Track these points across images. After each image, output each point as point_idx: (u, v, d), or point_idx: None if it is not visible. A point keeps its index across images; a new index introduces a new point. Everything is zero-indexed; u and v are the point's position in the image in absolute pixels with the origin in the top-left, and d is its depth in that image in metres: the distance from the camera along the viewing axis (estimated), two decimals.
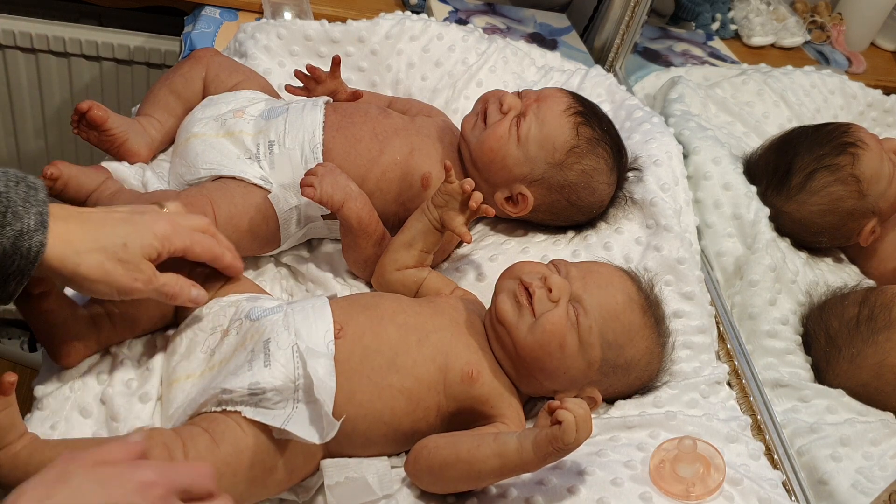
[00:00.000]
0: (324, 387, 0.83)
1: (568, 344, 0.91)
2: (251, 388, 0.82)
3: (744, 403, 1.08)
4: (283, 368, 0.84)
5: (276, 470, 0.84)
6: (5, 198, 0.73)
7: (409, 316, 0.94)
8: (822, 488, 0.99)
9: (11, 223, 0.72)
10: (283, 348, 0.85)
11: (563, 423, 0.77)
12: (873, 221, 1.28)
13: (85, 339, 0.88)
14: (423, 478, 0.88)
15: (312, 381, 0.83)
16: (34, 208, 0.74)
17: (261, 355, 0.85)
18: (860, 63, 1.86)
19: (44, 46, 1.71)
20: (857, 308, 1.15)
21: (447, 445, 0.86)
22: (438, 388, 0.91)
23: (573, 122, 1.12)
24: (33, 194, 0.75)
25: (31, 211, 0.74)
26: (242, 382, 0.82)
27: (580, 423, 0.78)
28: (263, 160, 1.08)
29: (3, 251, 0.72)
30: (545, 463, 0.81)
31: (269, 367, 0.83)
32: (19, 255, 0.73)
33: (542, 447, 0.79)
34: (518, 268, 0.97)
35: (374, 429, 0.89)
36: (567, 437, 0.78)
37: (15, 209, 0.73)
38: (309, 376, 0.83)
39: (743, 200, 1.29)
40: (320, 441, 0.83)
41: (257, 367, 0.83)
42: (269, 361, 0.84)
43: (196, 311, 0.92)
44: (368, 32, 1.37)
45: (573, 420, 0.77)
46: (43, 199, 0.75)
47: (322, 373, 0.84)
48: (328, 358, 0.86)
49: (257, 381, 0.82)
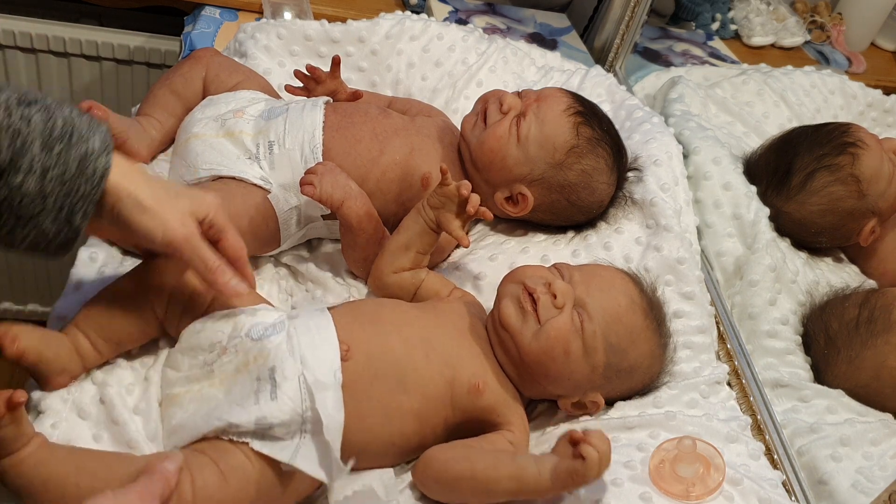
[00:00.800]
0: (333, 424, 0.82)
1: (573, 350, 0.91)
2: (258, 422, 0.81)
3: (744, 403, 1.08)
4: (291, 402, 0.82)
5: (281, 498, 0.83)
6: (70, 122, 0.74)
7: (413, 329, 0.93)
8: (822, 488, 0.99)
9: (77, 144, 0.73)
10: (289, 378, 0.83)
11: (587, 459, 0.77)
12: (873, 221, 1.28)
13: (69, 369, 0.86)
14: (431, 487, 0.87)
15: (320, 416, 0.81)
16: (99, 134, 0.75)
17: (267, 386, 0.82)
18: (860, 63, 1.86)
19: (44, 46, 1.70)
20: (858, 310, 1.15)
21: (461, 460, 0.85)
22: (446, 401, 0.90)
23: (573, 122, 1.12)
24: (95, 123, 0.76)
25: (95, 134, 0.75)
26: (249, 417, 0.81)
27: (602, 458, 0.77)
28: (263, 160, 1.08)
29: (70, 173, 0.73)
30: (562, 492, 0.81)
31: (276, 401, 0.81)
32: (84, 179, 0.73)
33: (561, 478, 0.79)
34: (521, 272, 0.97)
35: (384, 451, 0.88)
36: (589, 473, 0.77)
37: (80, 131, 0.74)
38: (317, 410, 0.82)
39: (743, 200, 1.29)
40: (329, 481, 0.82)
41: (264, 400, 0.81)
42: (276, 394, 0.82)
43: (191, 326, 0.89)
44: (368, 32, 1.37)
45: (597, 457, 0.77)
46: (106, 129, 0.77)
47: (330, 406, 0.82)
48: (336, 389, 0.84)
49: (264, 416, 0.81)
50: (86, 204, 0.74)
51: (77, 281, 0.99)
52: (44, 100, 0.74)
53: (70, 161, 0.73)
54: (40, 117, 0.72)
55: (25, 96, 0.73)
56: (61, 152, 0.72)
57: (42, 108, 0.73)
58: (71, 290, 0.98)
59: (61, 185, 0.73)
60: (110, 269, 1.01)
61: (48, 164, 0.72)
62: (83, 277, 0.99)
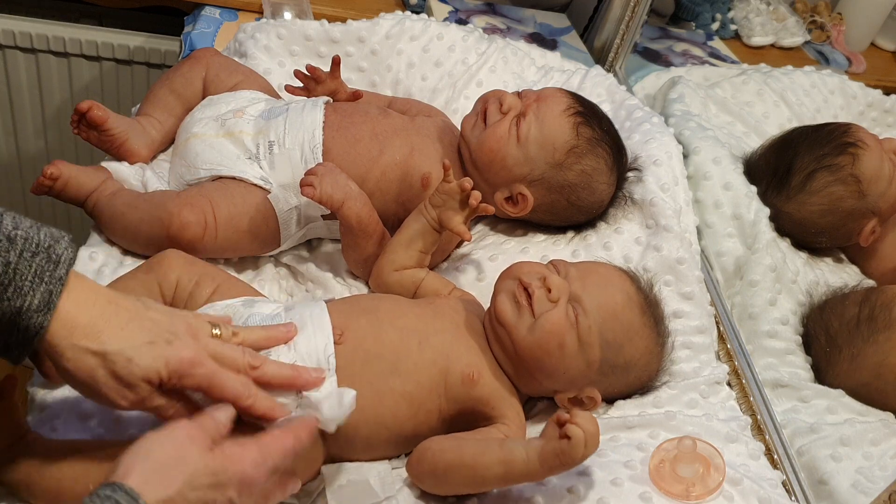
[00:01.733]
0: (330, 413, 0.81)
1: (567, 344, 0.91)
2: None
3: (744, 403, 1.08)
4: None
5: None
6: (12, 270, 0.66)
7: (409, 319, 0.94)
8: (822, 488, 0.99)
9: (11, 299, 0.66)
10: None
11: (572, 438, 0.77)
12: (873, 221, 1.28)
13: None
14: (426, 479, 0.87)
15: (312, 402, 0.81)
16: (43, 286, 0.67)
17: None
18: (860, 63, 1.86)
19: (44, 46, 1.71)
20: (858, 308, 1.15)
21: (451, 449, 0.86)
22: (440, 390, 0.91)
23: (573, 122, 1.12)
24: (49, 269, 0.67)
25: (38, 289, 0.67)
26: None
27: (588, 438, 0.78)
28: (263, 160, 1.08)
29: (2, 322, 0.66)
30: (550, 474, 0.81)
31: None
32: (17, 330, 0.67)
33: (548, 460, 0.79)
34: (517, 268, 0.97)
35: (375, 433, 0.88)
36: (575, 453, 0.77)
37: (20, 284, 0.66)
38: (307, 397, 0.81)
39: (743, 200, 1.29)
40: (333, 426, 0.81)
41: None
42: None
43: None
44: (368, 32, 1.37)
45: (583, 436, 0.77)
46: (60, 276, 0.68)
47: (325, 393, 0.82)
48: (330, 376, 0.84)
49: None
50: (22, 348, 0.68)
51: None
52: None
53: (1, 313, 0.66)
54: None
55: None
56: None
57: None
58: None
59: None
60: (110, 269, 1.01)
61: None
62: None
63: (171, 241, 1.00)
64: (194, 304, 0.92)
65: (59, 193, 1.06)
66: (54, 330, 0.67)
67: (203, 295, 0.93)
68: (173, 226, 1.00)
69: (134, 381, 0.71)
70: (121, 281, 0.93)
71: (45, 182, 1.04)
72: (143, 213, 1.02)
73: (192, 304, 0.92)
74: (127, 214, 1.03)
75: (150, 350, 0.71)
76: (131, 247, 1.05)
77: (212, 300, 0.92)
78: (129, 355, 0.70)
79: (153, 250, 0.98)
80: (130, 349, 0.70)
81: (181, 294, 0.93)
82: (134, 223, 1.02)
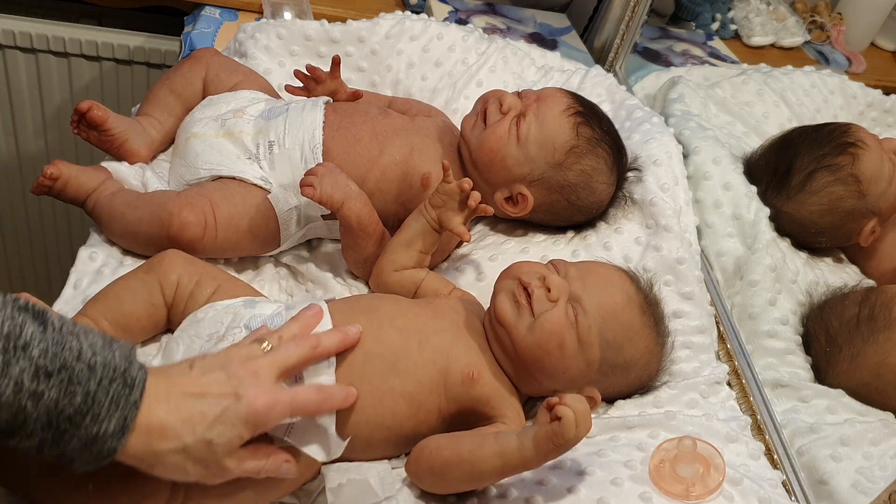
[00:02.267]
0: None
1: (567, 343, 0.91)
2: None
3: (744, 403, 1.08)
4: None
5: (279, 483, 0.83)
6: (91, 399, 0.65)
7: (409, 319, 0.94)
8: (822, 488, 0.99)
9: (88, 427, 0.65)
10: None
11: (563, 418, 0.77)
12: (873, 221, 1.28)
13: None
14: (425, 478, 0.87)
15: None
16: (119, 412, 0.66)
17: None
18: (860, 63, 1.86)
19: (44, 46, 1.70)
20: (858, 308, 1.15)
21: (448, 446, 0.86)
22: (439, 390, 0.91)
23: (573, 122, 1.12)
24: (125, 394, 0.67)
25: (114, 416, 0.66)
26: None
27: (579, 418, 0.78)
28: (263, 160, 1.08)
29: (73, 449, 0.66)
30: (546, 460, 0.81)
31: None
32: (90, 453, 0.66)
33: (542, 444, 0.79)
34: (517, 268, 0.97)
35: (375, 433, 0.88)
36: (567, 433, 0.78)
37: (97, 412, 0.65)
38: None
39: (743, 200, 1.29)
40: (325, 458, 0.83)
41: None
42: None
43: (191, 316, 0.91)
44: (368, 32, 1.37)
45: (572, 415, 0.77)
46: (135, 401, 0.67)
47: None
48: (329, 375, 0.85)
49: None
50: (89, 466, 0.68)
51: (76, 280, 0.99)
52: (76, 363, 0.65)
53: (75, 441, 0.65)
54: (55, 393, 0.64)
55: (49, 364, 0.63)
56: (65, 433, 0.65)
57: (63, 380, 0.64)
58: (70, 290, 0.98)
59: (59, 457, 0.66)
60: (110, 269, 1.01)
61: (46, 439, 0.64)
62: (82, 277, 1.00)
63: (171, 241, 1.00)
64: (195, 304, 0.92)
65: (59, 193, 1.06)
66: (131, 445, 0.68)
67: (203, 295, 0.93)
68: (173, 226, 1.00)
69: (219, 458, 0.72)
70: (121, 281, 0.94)
71: (45, 182, 1.04)
72: (143, 213, 1.02)
73: (192, 304, 0.93)
74: (127, 214, 1.03)
75: (224, 421, 0.72)
76: (131, 247, 1.05)
77: (212, 300, 0.93)
78: (207, 438, 0.71)
79: (153, 250, 0.98)
80: (208, 431, 0.71)
81: (182, 294, 0.93)
82: (134, 223, 1.02)
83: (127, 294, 0.92)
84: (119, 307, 0.91)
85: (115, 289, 0.93)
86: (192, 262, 0.96)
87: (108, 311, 0.90)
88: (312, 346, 0.81)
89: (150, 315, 0.93)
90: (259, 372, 0.75)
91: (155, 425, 0.69)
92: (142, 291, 0.92)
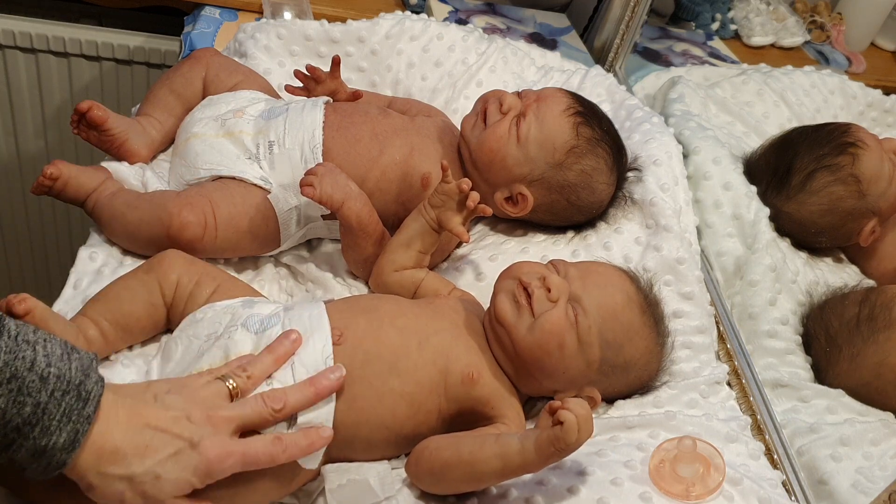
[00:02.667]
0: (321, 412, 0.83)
1: (567, 344, 0.91)
2: None
3: (744, 403, 1.08)
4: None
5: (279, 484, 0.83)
6: (41, 410, 0.65)
7: (409, 319, 0.94)
8: (822, 488, 0.99)
9: (37, 438, 0.65)
10: (282, 367, 0.84)
11: (565, 423, 0.77)
12: (873, 221, 1.28)
13: None
14: (425, 479, 0.87)
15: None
16: (71, 425, 0.66)
17: None
18: (860, 63, 1.86)
19: (44, 46, 1.70)
20: (858, 308, 1.15)
21: (448, 447, 0.86)
22: (439, 390, 0.91)
23: (573, 122, 1.12)
24: (78, 408, 0.66)
25: (65, 428, 0.66)
26: None
27: (581, 422, 0.78)
28: (263, 160, 1.08)
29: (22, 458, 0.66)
30: (547, 464, 0.81)
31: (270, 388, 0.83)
32: (39, 464, 0.66)
33: (543, 448, 0.79)
34: (517, 268, 0.97)
35: (375, 434, 0.88)
36: (569, 438, 0.78)
37: (47, 424, 0.65)
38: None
39: (743, 200, 1.29)
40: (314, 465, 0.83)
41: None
42: (271, 382, 0.83)
43: (190, 316, 0.91)
44: (368, 32, 1.37)
45: (575, 420, 0.77)
46: (88, 415, 0.67)
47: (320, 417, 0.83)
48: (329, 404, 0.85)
49: None
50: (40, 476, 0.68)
51: (76, 280, 0.99)
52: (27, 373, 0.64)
53: (21, 452, 0.65)
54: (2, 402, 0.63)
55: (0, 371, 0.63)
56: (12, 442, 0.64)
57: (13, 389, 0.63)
58: (70, 290, 0.98)
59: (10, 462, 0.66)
60: (110, 269, 1.01)
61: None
62: (82, 277, 1.00)
63: (171, 241, 1.00)
64: (194, 304, 0.93)
65: (59, 193, 1.06)
66: (80, 461, 0.67)
67: (203, 295, 0.93)
68: (173, 226, 1.00)
69: (164, 497, 0.71)
70: (121, 281, 0.94)
71: (44, 182, 1.04)
72: (143, 213, 1.02)
73: (192, 304, 0.93)
74: (127, 214, 1.03)
75: (177, 462, 0.71)
76: (131, 247, 1.05)
77: (212, 300, 0.93)
78: (156, 472, 0.70)
79: (153, 250, 0.98)
80: (157, 466, 0.70)
81: (181, 294, 0.93)
82: (134, 223, 1.02)
83: (127, 294, 0.92)
84: (119, 307, 0.91)
85: (115, 289, 0.93)
86: (191, 262, 0.96)
87: (107, 311, 0.90)
88: (276, 409, 0.79)
89: (149, 315, 0.93)
90: (217, 424, 0.75)
91: (108, 447, 0.68)
92: (141, 291, 0.92)
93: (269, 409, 0.79)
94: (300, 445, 0.79)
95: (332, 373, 0.84)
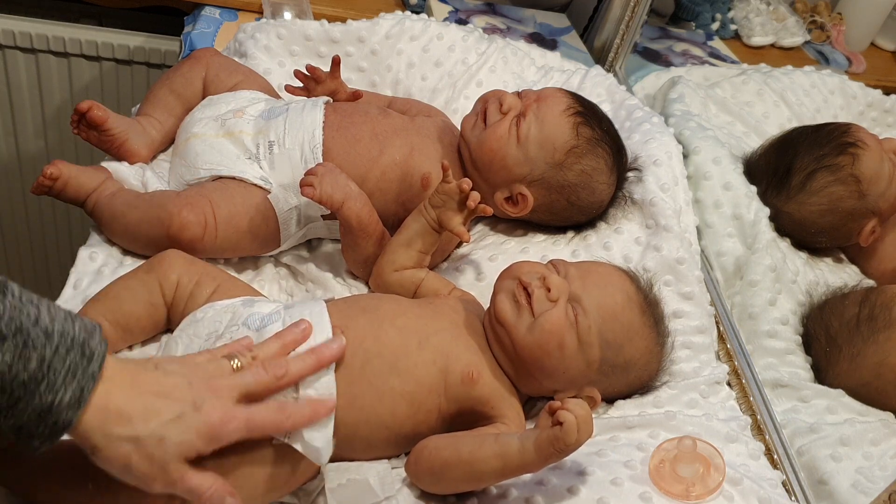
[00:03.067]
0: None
1: (567, 344, 0.91)
2: None
3: (744, 403, 1.08)
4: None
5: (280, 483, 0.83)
6: (46, 366, 0.64)
7: (409, 319, 0.94)
8: (822, 488, 0.99)
9: (43, 395, 0.64)
10: None
11: (565, 423, 0.77)
12: (873, 221, 1.28)
13: None
14: (424, 478, 0.87)
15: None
16: (76, 382, 0.66)
17: None
18: (860, 63, 1.86)
19: (44, 46, 1.70)
20: (858, 308, 1.15)
21: (448, 446, 0.86)
22: (439, 390, 0.91)
23: (573, 122, 1.12)
24: (83, 364, 0.66)
25: (70, 385, 0.65)
26: None
27: (581, 423, 0.78)
28: (263, 160, 1.08)
29: (29, 420, 0.65)
30: (547, 464, 0.81)
31: None
32: (46, 425, 0.65)
33: (543, 448, 0.79)
34: (517, 268, 0.97)
35: (375, 433, 0.88)
36: (569, 438, 0.78)
37: (53, 380, 0.65)
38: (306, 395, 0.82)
39: (743, 200, 1.29)
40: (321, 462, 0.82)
41: None
42: None
43: (191, 316, 0.91)
44: (368, 32, 1.37)
45: (574, 420, 0.77)
46: (93, 372, 0.67)
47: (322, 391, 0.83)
48: (329, 376, 0.85)
49: None
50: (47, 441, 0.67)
51: (76, 280, 0.99)
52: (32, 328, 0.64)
53: (30, 410, 0.64)
54: (9, 357, 0.63)
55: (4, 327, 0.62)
56: (19, 400, 0.64)
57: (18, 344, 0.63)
58: (70, 290, 0.98)
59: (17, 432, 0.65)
60: (110, 269, 1.01)
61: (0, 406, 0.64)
62: (82, 277, 1.00)
63: (171, 241, 1.00)
64: (194, 304, 0.93)
65: (59, 193, 1.06)
66: (86, 421, 0.67)
67: (203, 295, 0.93)
68: (173, 226, 1.00)
69: (168, 459, 0.70)
70: (121, 281, 0.94)
71: (44, 182, 1.04)
72: (143, 213, 1.02)
73: (192, 304, 0.93)
74: (127, 214, 1.03)
75: (180, 424, 0.71)
76: (131, 247, 1.05)
77: (212, 300, 0.93)
78: (161, 434, 0.70)
79: (153, 250, 0.98)
80: (160, 428, 0.70)
81: (181, 294, 0.93)
82: (134, 223, 1.02)
83: (127, 294, 0.92)
84: (119, 307, 0.91)
85: (115, 289, 0.93)
86: (191, 262, 0.96)
87: (107, 311, 0.90)
88: (278, 375, 0.79)
89: (149, 315, 0.93)
90: (220, 391, 0.75)
91: (113, 408, 0.68)
92: (142, 291, 0.92)
93: (272, 376, 0.78)
94: (304, 414, 0.79)
95: (333, 342, 0.84)
